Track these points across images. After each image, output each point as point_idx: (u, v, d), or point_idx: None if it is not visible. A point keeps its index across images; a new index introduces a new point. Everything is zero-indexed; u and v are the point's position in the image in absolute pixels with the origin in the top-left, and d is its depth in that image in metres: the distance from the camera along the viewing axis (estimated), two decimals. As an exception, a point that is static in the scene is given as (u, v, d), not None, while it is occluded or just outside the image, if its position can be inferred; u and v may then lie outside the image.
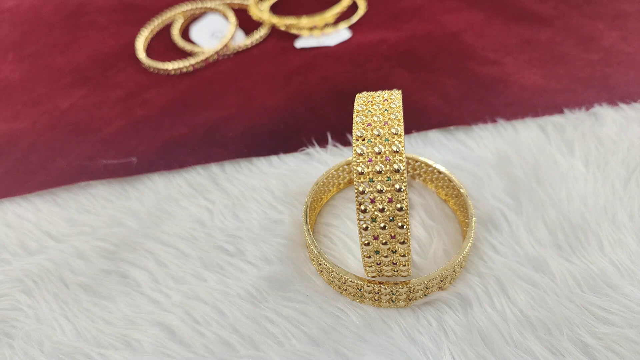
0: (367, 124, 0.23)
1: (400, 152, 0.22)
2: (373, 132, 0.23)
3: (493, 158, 0.37)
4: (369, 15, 0.51)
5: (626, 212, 0.33)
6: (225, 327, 0.28)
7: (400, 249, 0.24)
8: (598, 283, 0.29)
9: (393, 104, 0.24)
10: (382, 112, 0.23)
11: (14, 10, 0.55)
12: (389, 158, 0.22)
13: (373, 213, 0.23)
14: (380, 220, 0.23)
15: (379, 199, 0.23)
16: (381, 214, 0.23)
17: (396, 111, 0.23)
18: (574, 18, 0.49)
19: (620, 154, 0.36)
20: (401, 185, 0.22)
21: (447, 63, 0.45)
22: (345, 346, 0.27)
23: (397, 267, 0.25)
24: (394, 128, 0.23)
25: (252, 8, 0.51)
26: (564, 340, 0.27)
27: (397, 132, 0.23)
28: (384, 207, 0.23)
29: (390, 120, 0.23)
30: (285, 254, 0.32)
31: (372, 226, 0.23)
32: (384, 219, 0.23)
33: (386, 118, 0.23)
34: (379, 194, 0.23)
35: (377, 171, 0.22)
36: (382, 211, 0.23)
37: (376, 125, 0.23)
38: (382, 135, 0.23)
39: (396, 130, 0.23)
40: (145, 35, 0.50)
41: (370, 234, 0.23)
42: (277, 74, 0.45)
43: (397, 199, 0.23)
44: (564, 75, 0.43)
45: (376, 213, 0.23)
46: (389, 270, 0.26)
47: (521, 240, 0.31)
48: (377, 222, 0.23)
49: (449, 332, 0.28)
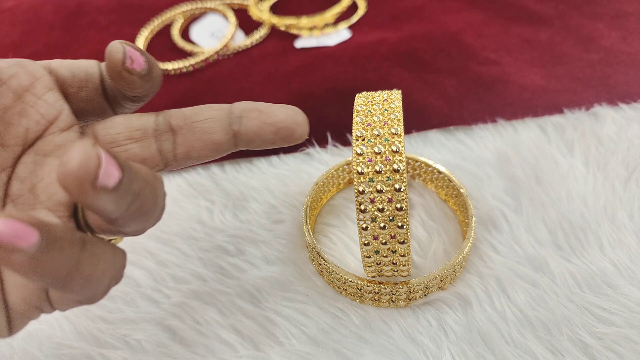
0: (367, 124, 0.23)
1: (400, 152, 0.22)
2: (373, 132, 0.23)
3: (493, 158, 0.37)
4: (369, 15, 0.51)
5: (626, 212, 0.33)
6: (225, 327, 0.28)
7: (400, 249, 0.24)
8: (598, 283, 0.29)
9: (393, 104, 0.24)
10: (382, 112, 0.23)
11: (13, 10, 0.55)
12: (389, 158, 0.22)
13: (373, 213, 0.23)
14: (380, 220, 0.23)
15: (378, 199, 0.23)
16: (381, 214, 0.23)
17: (396, 111, 0.23)
18: (574, 18, 0.49)
19: (620, 153, 0.36)
20: (401, 185, 0.22)
21: (447, 63, 0.45)
22: (345, 346, 0.27)
23: (397, 267, 0.25)
24: (393, 128, 0.23)
25: (252, 8, 0.51)
26: (564, 340, 0.27)
27: (396, 132, 0.23)
28: (384, 207, 0.23)
29: (390, 121, 0.23)
30: (285, 254, 0.32)
31: (371, 226, 0.23)
32: (383, 219, 0.23)
33: (386, 118, 0.23)
34: (378, 194, 0.23)
35: (377, 171, 0.22)
36: (382, 211, 0.23)
37: (376, 125, 0.23)
38: (381, 135, 0.23)
39: (396, 130, 0.23)
40: (145, 35, 0.50)
41: (370, 234, 0.23)
42: (277, 74, 0.45)
43: (396, 199, 0.23)
44: (564, 75, 0.43)
45: (376, 213, 0.23)
46: (389, 270, 0.26)
47: (521, 240, 0.31)
48: (376, 222, 0.23)
49: (449, 332, 0.28)
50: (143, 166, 0.19)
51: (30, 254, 0.15)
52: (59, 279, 0.16)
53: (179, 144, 0.23)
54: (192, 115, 0.23)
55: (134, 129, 0.23)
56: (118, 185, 0.16)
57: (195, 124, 0.23)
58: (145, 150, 0.23)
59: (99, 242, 0.19)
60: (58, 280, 0.16)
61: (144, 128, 0.23)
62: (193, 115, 0.23)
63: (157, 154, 0.23)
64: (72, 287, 0.17)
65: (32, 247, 0.15)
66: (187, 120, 0.23)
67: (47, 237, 0.15)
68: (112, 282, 0.19)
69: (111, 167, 0.16)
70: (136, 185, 0.17)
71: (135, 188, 0.17)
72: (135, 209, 0.18)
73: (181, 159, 0.23)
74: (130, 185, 0.17)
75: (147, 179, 0.18)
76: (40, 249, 0.15)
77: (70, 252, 0.16)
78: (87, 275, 0.17)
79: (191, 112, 0.23)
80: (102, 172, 0.15)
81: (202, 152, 0.23)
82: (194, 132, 0.23)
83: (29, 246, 0.14)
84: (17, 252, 0.14)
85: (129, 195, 0.17)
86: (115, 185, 0.16)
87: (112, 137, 0.22)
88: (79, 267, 0.17)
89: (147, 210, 0.19)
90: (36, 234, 0.15)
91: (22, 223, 0.15)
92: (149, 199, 0.19)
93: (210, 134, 0.23)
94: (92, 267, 0.17)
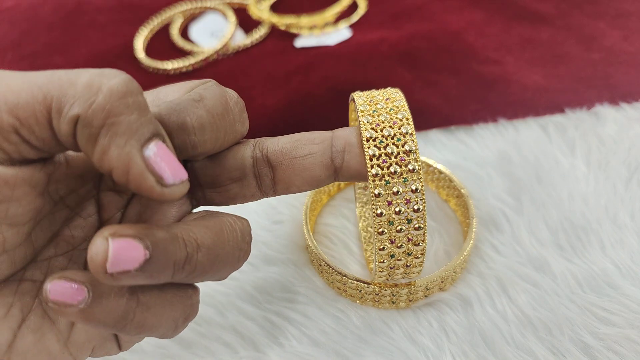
0: (375, 124, 0.22)
1: (414, 152, 0.22)
2: (383, 133, 0.22)
3: (494, 158, 0.36)
4: (370, 14, 0.51)
5: (627, 212, 0.32)
6: (225, 328, 0.28)
7: (415, 251, 0.23)
8: (599, 283, 0.29)
9: (397, 102, 0.23)
10: (388, 111, 0.23)
11: (13, 9, 0.55)
12: (404, 158, 0.22)
13: (390, 216, 0.22)
14: (397, 223, 0.22)
15: (395, 201, 0.22)
16: (397, 216, 0.22)
17: (402, 110, 0.23)
18: (576, 17, 0.48)
19: (621, 153, 0.36)
20: (418, 185, 0.22)
21: (448, 62, 0.44)
22: (345, 347, 0.27)
23: (408, 270, 0.25)
24: (403, 127, 0.22)
25: (252, 7, 0.51)
26: (565, 340, 0.27)
27: (407, 131, 0.22)
28: (401, 209, 0.22)
29: (398, 120, 0.22)
30: (286, 255, 0.31)
31: (388, 230, 0.22)
32: (400, 221, 0.22)
33: (394, 117, 0.22)
34: (395, 196, 0.22)
35: (393, 172, 0.22)
36: (399, 213, 0.22)
37: (385, 125, 0.22)
38: (392, 135, 0.22)
39: (406, 130, 0.22)
40: (145, 34, 0.50)
41: (387, 237, 0.23)
42: (277, 73, 0.45)
43: (414, 200, 0.22)
44: (565, 74, 0.43)
45: (393, 216, 0.22)
46: (400, 273, 0.25)
47: (522, 240, 0.31)
48: (393, 225, 0.22)
49: (450, 332, 0.27)
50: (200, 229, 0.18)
51: (80, 309, 0.17)
52: (110, 326, 0.18)
53: (278, 180, 0.22)
54: (291, 149, 0.22)
55: (232, 169, 0.22)
56: (145, 266, 0.16)
57: (296, 161, 0.22)
58: (246, 189, 0.22)
59: (150, 289, 0.19)
60: (109, 327, 0.18)
61: (242, 167, 0.22)
62: (292, 150, 0.22)
63: (257, 191, 0.22)
64: (127, 331, 0.18)
65: (81, 303, 0.17)
66: (285, 156, 0.22)
67: (94, 292, 0.17)
68: (179, 321, 0.20)
69: (132, 252, 0.16)
70: (178, 257, 0.17)
71: (179, 259, 0.17)
72: (187, 275, 0.18)
73: (280, 192, 0.23)
74: (166, 260, 0.17)
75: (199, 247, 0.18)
76: (87, 304, 0.17)
77: (116, 303, 0.17)
78: (137, 322, 0.18)
79: (290, 146, 0.22)
80: (111, 263, 0.15)
81: (301, 188, 0.22)
82: (294, 168, 0.22)
83: (78, 302, 0.17)
84: (68, 307, 0.17)
85: (167, 268, 0.17)
86: (141, 266, 0.16)
87: (212, 179, 0.22)
88: (126, 315, 0.18)
89: (206, 272, 0.19)
90: (84, 291, 0.17)
91: (72, 282, 0.17)
92: (204, 263, 0.18)
93: (310, 170, 0.22)
94: (141, 315, 0.18)
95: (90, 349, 0.20)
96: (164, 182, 0.17)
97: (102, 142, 0.16)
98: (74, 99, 0.16)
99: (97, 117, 0.16)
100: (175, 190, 0.18)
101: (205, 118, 0.20)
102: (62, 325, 0.20)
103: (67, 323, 0.20)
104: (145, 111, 0.17)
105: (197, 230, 0.18)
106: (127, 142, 0.16)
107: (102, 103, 0.16)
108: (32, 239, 0.19)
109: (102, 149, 0.16)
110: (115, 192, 0.22)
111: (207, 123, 0.20)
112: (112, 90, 0.16)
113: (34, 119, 0.16)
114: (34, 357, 0.19)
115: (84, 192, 0.21)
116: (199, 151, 0.20)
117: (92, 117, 0.16)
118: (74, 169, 0.20)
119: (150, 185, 0.17)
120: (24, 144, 0.17)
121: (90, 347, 0.20)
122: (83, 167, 0.20)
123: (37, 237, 0.19)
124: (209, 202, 0.22)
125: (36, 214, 0.19)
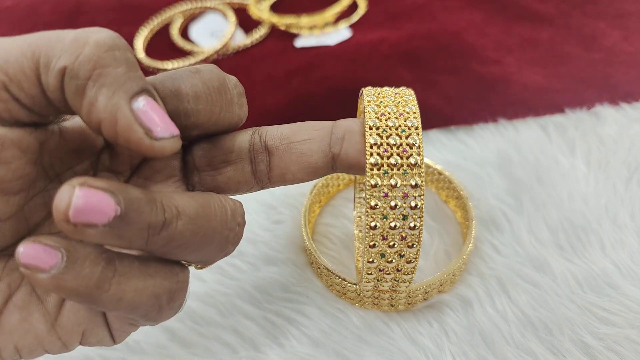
0: (381, 114, 0.21)
1: (418, 146, 0.21)
2: (387, 123, 0.21)
3: (494, 158, 0.36)
4: (370, 14, 0.51)
5: (627, 212, 0.32)
6: (225, 328, 0.28)
7: (408, 253, 0.22)
8: (599, 283, 0.29)
9: (406, 97, 0.22)
10: (396, 104, 0.22)
11: (12, 9, 0.55)
12: (406, 150, 0.21)
13: (385, 209, 0.21)
14: (391, 217, 0.21)
15: (392, 194, 0.21)
16: (393, 211, 0.21)
17: (411, 104, 0.22)
18: (576, 17, 0.48)
19: (621, 153, 0.36)
20: (417, 180, 0.21)
21: (448, 62, 0.44)
22: (345, 347, 0.27)
23: (398, 276, 0.23)
24: (409, 120, 0.21)
25: (252, 7, 0.51)
26: (565, 340, 0.27)
27: (413, 124, 0.21)
28: (397, 204, 0.21)
29: (405, 113, 0.21)
30: (285, 255, 0.31)
31: (381, 224, 0.21)
32: (395, 216, 0.21)
33: (401, 110, 0.21)
34: (392, 189, 0.21)
35: (392, 164, 0.20)
36: (394, 208, 0.21)
37: (390, 116, 0.21)
38: (397, 126, 0.21)
39: (412, 123, 0.21)
40: (145, 34, 0.50)
41: (379, 233, 0.21)
42: (277, 73, 0.45)
43: (412, 195, 0.21)
44: (565, 74, 0.43)
45: (388, 210, 0.21)
46: (389, 279, 0.24)
47: (522, 240, 0.31)
48: (387, 220, 0.21)
49: (450, 333, 0.27)
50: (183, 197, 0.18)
51: (52, 275, 0.16)
52: (84, 295, 0.16)
53: (274, 165, 0.22)
54: (290, 134, 0.22)
55: (228, 151, 0.21)
56: (114, 222, 0.15)
57: (293, 145, 0.21)
58: (239, 173, 0.21)
59: (130, 260, 0.18)
60: (83, 297, 0.17)
61: (238, 150, 0.21)
62: (291, 135, 0.21)
63: (252, 177, 0.22)
64: (104, 305, 0.17)
65: (54, 268, 0.16)
66: (283, 140, 0.21)
67: (68, 257, 0.16)
68: (162, 300, 0.18)
69: (101, 205, 0.15)
70: (153, 220, 0.16)
71: (154, 222, 0.16)
72: (164, 244, 0.17)
73: (276, 182, 0.22)
74: (139, 220, 0.16)
75: (180, 215, 0.17)
76: (60, 270, 0.16)
77: (90, 271, 0.16)
78: (113, 294, 0.17)
79: (289, 131, 0.22)
80: (75, 211, 0.15)
81: (297, 175, 0.22)
82: (291, 153, 0.21)
83: (50, 267, 0.16)
84: (40, 272, 0.16)
85: (141, 230, 0.16)
86: (110, 222, 0.15)
87: (208, 160, 0.21)
88: (101, 285, 0.17)
89: (187, 245, 0.18)
90: (58, 256, 0.16)
91: (46, 246, 0.16)
92: (184, 233, 0.17)
93: (307, 156, 0.21)
94: (118, 286, 0.17)
95: (79, 333, 0.19)
96: (153, 134, 0.17)
97: (89, 94, 0.16)
98: (61, 52, 0.16)
99: (84, 68, 0.16)
100: (166, 144, 0.17)
101: (200, 87, 0.19)
102: (50, 304, 0.19)
103: (55, 303, 0.19)
104: (135, 67, 0.17)
105: (180, 198, 0.18)
106: (115, 93, 0.16)
107: (88, 54, 0.16)
108: (25, 214, 0.19)
109: (89, 101, 0.16)
110: (112, 172, 0.21)
111: (202, 93, 0.19)
112: (98, 42, 0.16)
113: (23, 74, 0.16)
114: (21, 338, 0.19)
115: (80, 170, 0.21)
116: (192, 120, 0.19)
117: (79, 68, 0.16)
118: (68, 142, 0.20)
119: (138, 137, 0.16)
120: (13, 102, 0.17)
121: (79, 332, 0.19)
122: (78, 141, 0.20)
123: (31, 212, 0.19)
124: (204, 188, 0.22)
125: (28, 185, 0.18)
